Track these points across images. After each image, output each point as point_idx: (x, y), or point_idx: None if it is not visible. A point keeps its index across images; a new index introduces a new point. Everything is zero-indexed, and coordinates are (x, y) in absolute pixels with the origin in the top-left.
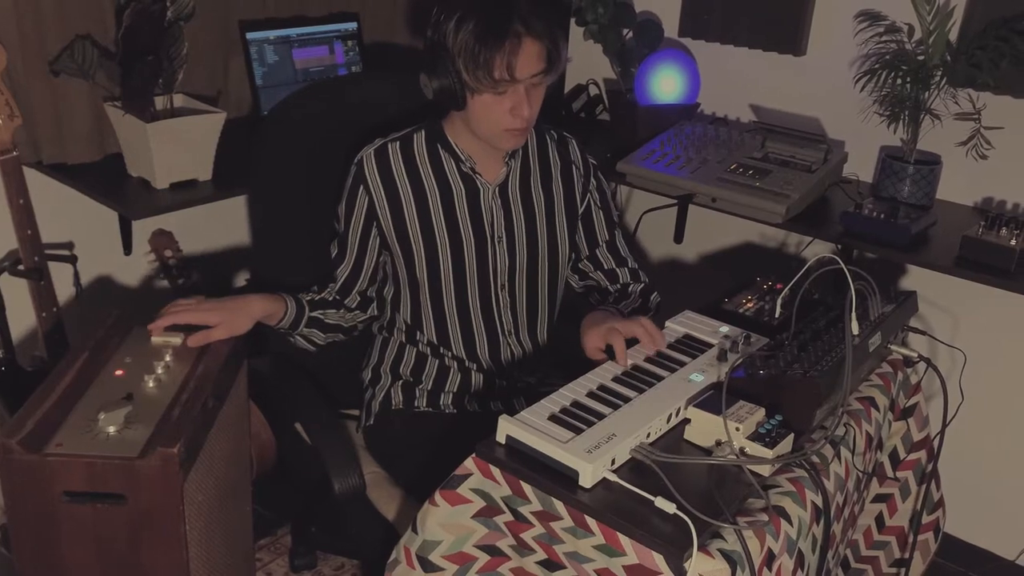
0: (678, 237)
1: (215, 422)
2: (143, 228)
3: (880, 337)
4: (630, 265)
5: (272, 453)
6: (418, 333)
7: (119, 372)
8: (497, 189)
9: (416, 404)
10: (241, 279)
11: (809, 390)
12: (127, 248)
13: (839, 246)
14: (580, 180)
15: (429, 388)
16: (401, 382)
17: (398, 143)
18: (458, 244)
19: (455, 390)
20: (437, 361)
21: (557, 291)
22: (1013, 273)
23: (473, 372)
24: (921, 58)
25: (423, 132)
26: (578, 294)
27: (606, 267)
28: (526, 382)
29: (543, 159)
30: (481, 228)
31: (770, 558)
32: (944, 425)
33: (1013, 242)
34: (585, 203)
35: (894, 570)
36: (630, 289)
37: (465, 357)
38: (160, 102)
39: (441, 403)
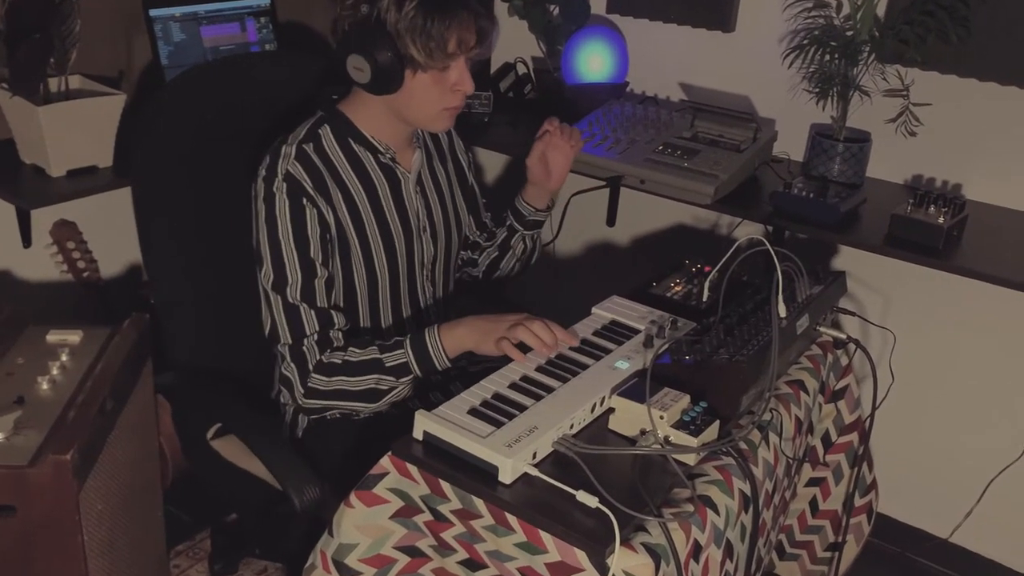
0: (611, 220)
1: (115, 425)
2: (43, 219)
3: (808, 319)
4: (489, 216)
5: (179, 460)
6: (353, 337)
7: (9, 373)
8: (416, 177)
9: (356, 415)
10: None
11: (735, 375)
12: (26, 240)
13: (769, 227)
14: (462, 153)
15: None
16: None
17: (311, 144)
18: (389, 242)
19: None
20: None
21: (456, 273)
22: (942, 251)
23: None
24: (849, 33)
25: (327, 127)
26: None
27: (482, 221)
28: (457, 368)
29: (435, 137)
30: (407, 221)
31: (696, 550)
32: (875, 407)
33: (941, 220)
34: (470, 176)
35: (829, 554)
36: (499, 237)
37: None
38: (54, 84)
39: None
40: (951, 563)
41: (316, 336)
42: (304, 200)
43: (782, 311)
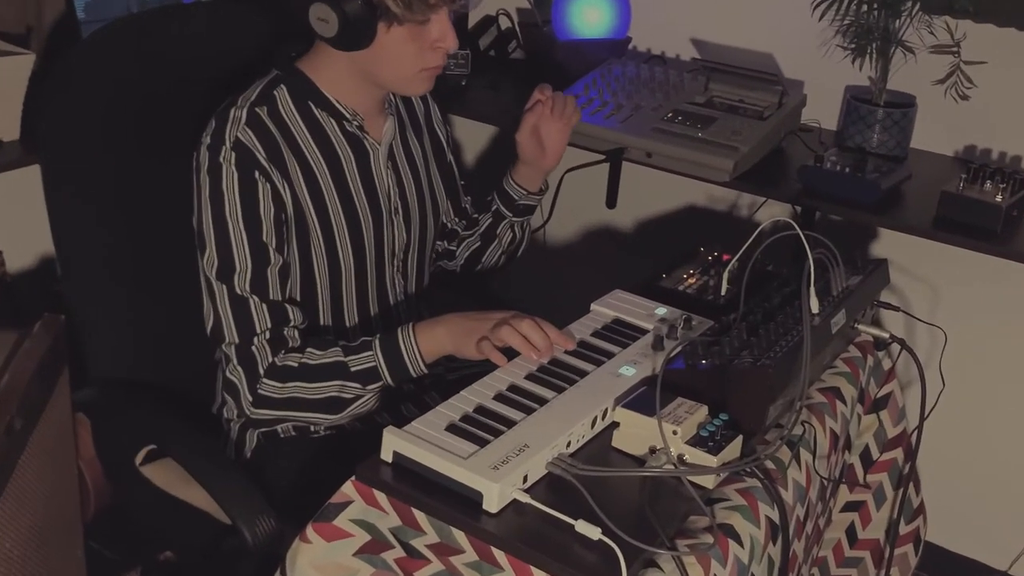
0: (611, 201)
1: (25, 447)
2: None
3: (845, 315)
4: (470, 199)
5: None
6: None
7: None
8: (387, 151)
9: (314, 428)
10: None
11: (760, 382)
12: None
13: (797, 208)
14: (439, 123)
15: None
16: None
17: (265, 108)
18: (355, 225)
19: None
20: None
21: (432, 264)
22: (1000, 234)
23: None
24: None
25: (284, 88)
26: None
27: (461, 206)
28: (432, 375)
29: (408, 105)
30: (376, 201)
31: None
32: (923, 417)
33: (999, 198)
34: (448, 155)
35: None
36: (482, 223)
37: None
38: None
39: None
40: None
41: (268, 334)
42: (256, 173)
43: (814, 306)
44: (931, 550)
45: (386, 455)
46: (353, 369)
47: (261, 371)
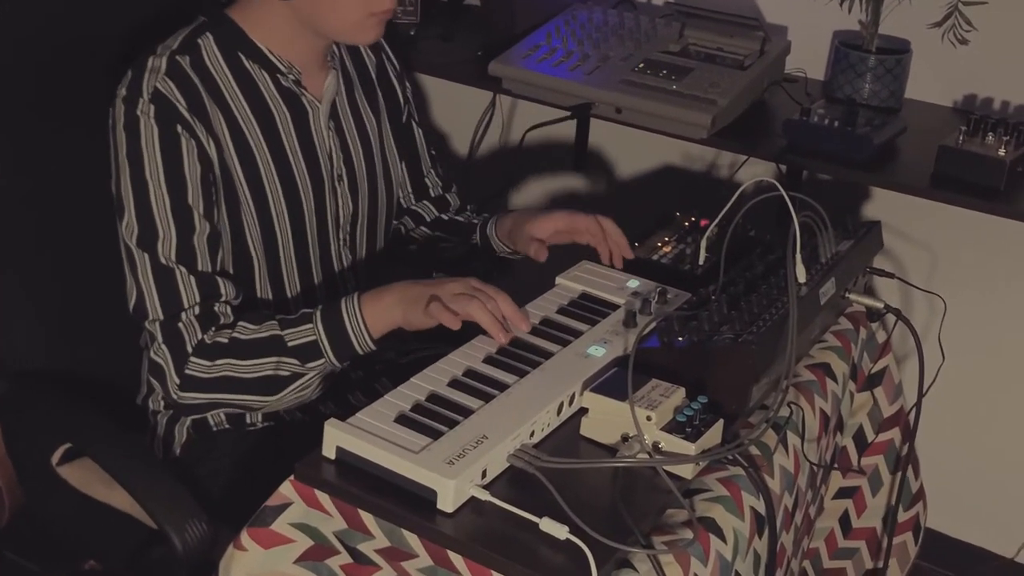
0: (579, 162)
1: None
2: None
3: (834, 284)
4: (455, 188)
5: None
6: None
7: None
8: (329, 110)
9: (250, 420)
10: None
11: (742, 360)
12: None
13: (782, 167)
14: (396, 79)
15: None
16: None
17: (187, 57)
18: (292, 191)
19: None
20: None
21: (389, 238)
22: (1004, 192)
23: None
24: None
25: (210, 36)
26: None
27: (433, 194)
28: (382, 360)
29: (357, 59)
30: (316, 165)
31: None
32: (921, 394)
33: (1003, 152)
34: (406, 112)
35: None
36: (467, 216)
37: None
38: None
39: (283, 411)
40: None
41: (197, 309)
42: (178, 127)
43: (801, 275)
44: (932, 538)
45: (328, 451)
46: (291, 344)
47: (189, 349)
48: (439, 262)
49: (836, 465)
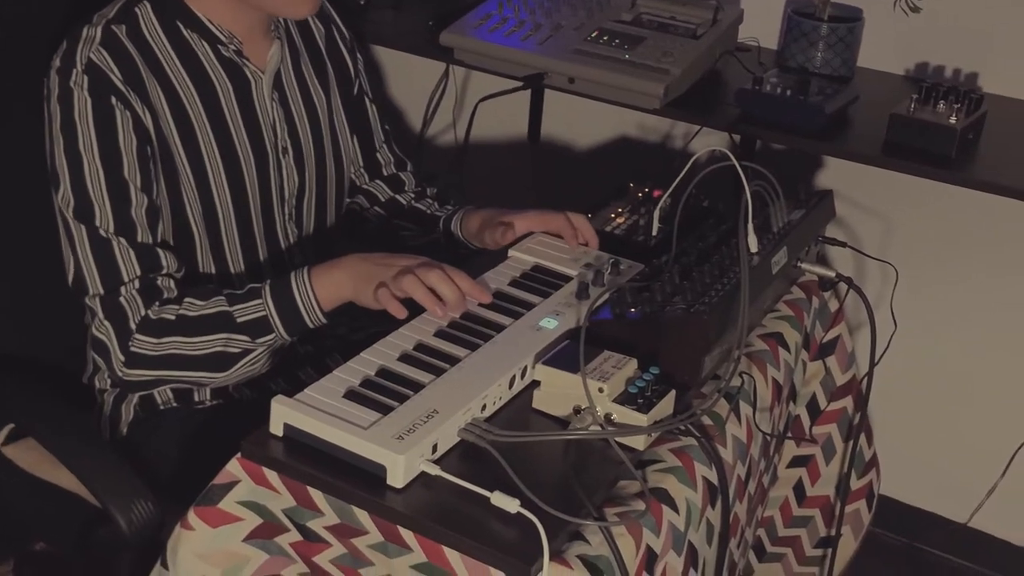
0: (533, 133)
1: None
2: None
3: (786, 254)
4: (410, 167)
5: None
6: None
7: None
8: (272, 80)
9: (198, 398)
10: None
11: (694, 330)
12: None
13: (735, 136)
14: (347, 50)
15: None
16: None
17: (123, 26)
18: (234, 164)
19: None
20: None
21: (341, 215)
22: (955, 160)
23: None
24: None
25: (148, 5)
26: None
27: (386, 173)
28: (334, 335)
29: (304, 30)
30: (260, 137)
31: (650, 559)
32: (873, 362)
33: (953, 119)
34: (357, 85)
35: (820, 551)
36: (429, 205)
37: None
38: None
39: (232, 387)
40: (971, 553)
41: (138, 283)
42: (113, 99)
43: (753, 245)
44: (886, 504)
45: (276, 428)
46: (240, 320)
47: (133, 326)
48: (401, 250)
49: (789, 434)
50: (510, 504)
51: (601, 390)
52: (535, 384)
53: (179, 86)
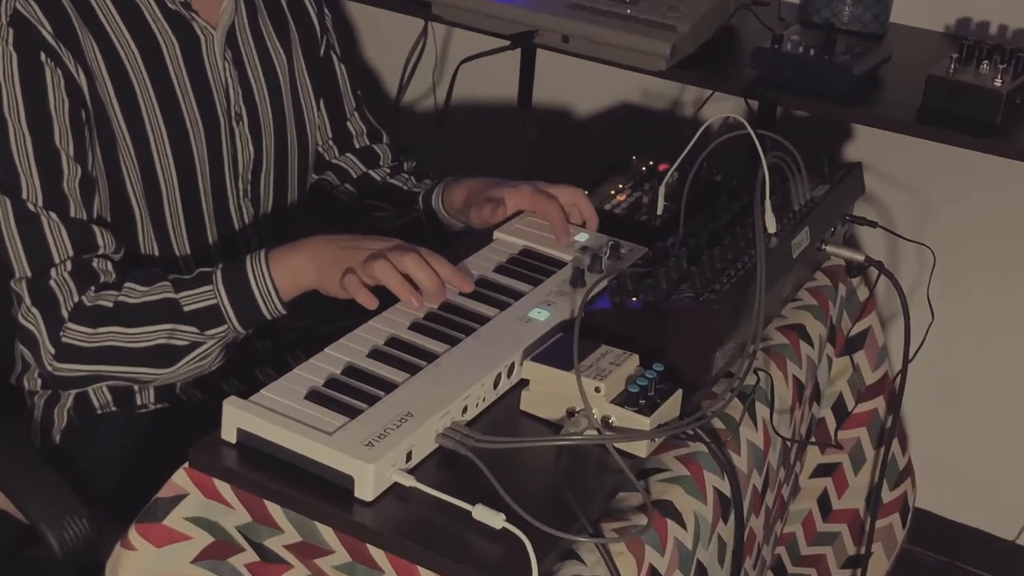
0: (524, 98)
1: None
2: None
3: (809, 235)
4: (386, 139)
5: None
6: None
7: None
8: (224, 37)
9: (141, 401)
10: None
11: (704, 321)
12: None
13: (751, 102)
14: (312, 5)
15: None
16: None
17: None
18: (180, 132)
19: None
20: None
21: (305, 194)
22: (1001, 128)
23: None
24: None
25: None
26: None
27: (358, 145)
28: (296, 329)
29: None
30: (210, 102)
31: None
32: (907, 358)
33: (999, 82)
34: (324, 44)
35: (848, 572)
36: (406, 180)
37: None
38: None
39: (180, 389)
40: (1019, 573)
41: (70, 265)
42: (42, 55)
43: (771, 224)
44: (922, 519)
45: (228, 433)
46: (187, 308)
47: (64, 313)
48: (374, 233)
49: (812, 439)
50: (494, 519)
51: (598, 390)
52: (523, 383)
53: (118, 42)
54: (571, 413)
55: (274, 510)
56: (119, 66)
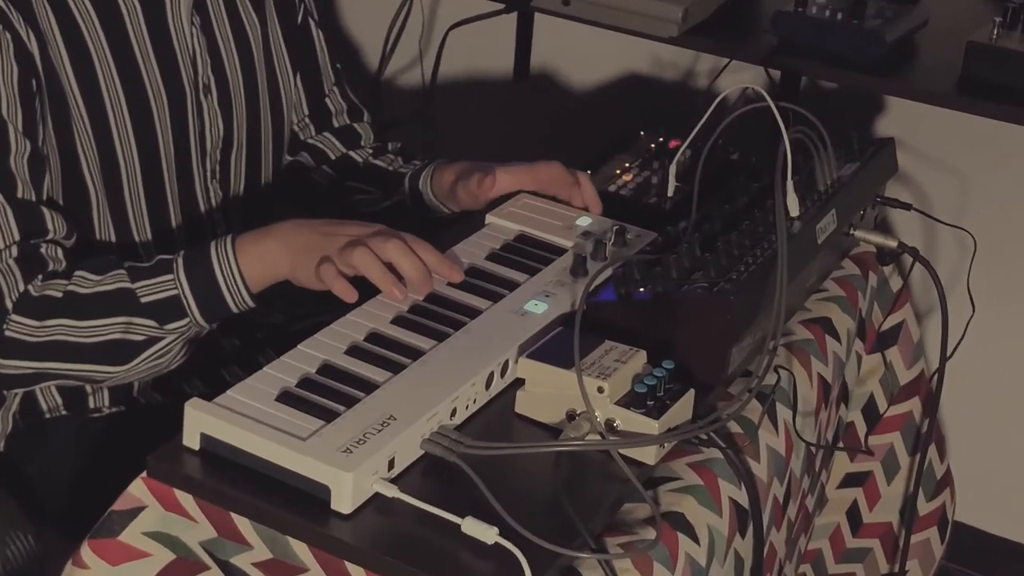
0: (520, 69)
1: None
2: None
3: (835, 218)
4: (367, 117)
5: None
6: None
7: None
8: (191, 1)
9: (95, 404)
10: None
11: (719, 314)
12: None
13: (772, 71)
14: None
15: None
16: None
17: None
18: (142, 104)
19: None
20: None
21: (279, 176)
22: None
23: None
24: None
25: None
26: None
27: (338, 124)
28: (266, 324)
29: None
30: (175, 72)
31: None
32: (945, 355)
33: None
34: (301, 10)
35: None
36: (391, 161)
37: None
38: None
39: (137, 390)
40: None
41: (16, 251)
42: None
43: (793, 207)
44: (962, 533)
45: (191, 440)
46: (144, 300)
47: (8, 304)
48: (353, 218)
49: (840, 445)
50: (486, 533)
51: (601, 390)
52: (518, 383)
53: (75, 6)
54: (571, 416)
55: (242, 524)
56: (75, 31)
